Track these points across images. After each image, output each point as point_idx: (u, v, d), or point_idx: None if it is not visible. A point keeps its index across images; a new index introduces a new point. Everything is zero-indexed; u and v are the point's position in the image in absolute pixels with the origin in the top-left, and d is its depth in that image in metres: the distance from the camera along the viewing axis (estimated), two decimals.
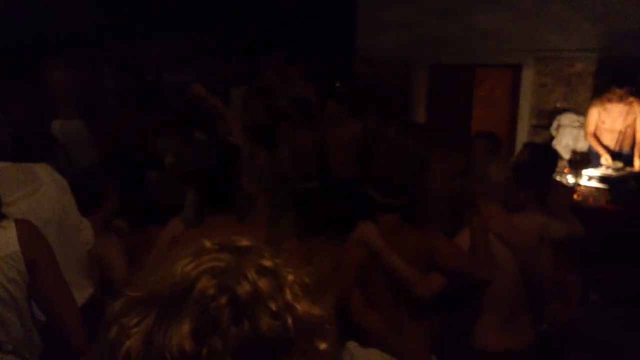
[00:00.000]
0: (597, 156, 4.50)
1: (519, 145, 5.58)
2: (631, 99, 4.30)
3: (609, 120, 4.45)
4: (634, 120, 4.35)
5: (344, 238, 2.14)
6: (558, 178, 3.82)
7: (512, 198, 2.35)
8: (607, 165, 4.30)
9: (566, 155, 4.68)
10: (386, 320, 2.05)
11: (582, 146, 4.70)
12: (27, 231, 1.37)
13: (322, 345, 0.62)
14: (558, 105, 5.44)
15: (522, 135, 5.68)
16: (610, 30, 5.06)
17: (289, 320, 0.59)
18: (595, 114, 4.49)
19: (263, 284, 0.60)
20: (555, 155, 3.39)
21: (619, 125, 4.39)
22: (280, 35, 6.11)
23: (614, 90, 4.30)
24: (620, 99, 4.31)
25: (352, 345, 2.04)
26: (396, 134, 4.05)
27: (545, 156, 3.14)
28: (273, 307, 0.59)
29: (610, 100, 4.39)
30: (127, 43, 4.79)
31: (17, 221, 1.38)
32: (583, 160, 4.14)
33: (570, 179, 4.12)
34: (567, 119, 5.21)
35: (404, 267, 1.99)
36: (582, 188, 4.05)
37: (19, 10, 4.79)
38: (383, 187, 2.14)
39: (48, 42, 4.69)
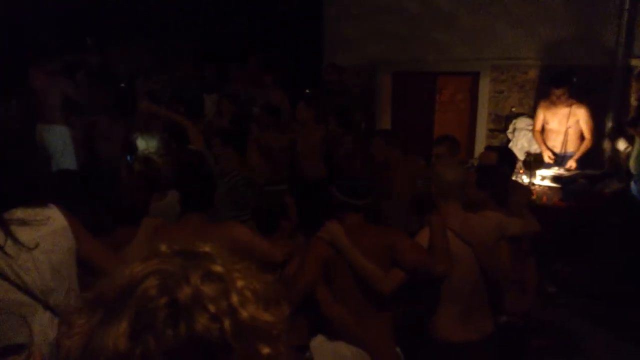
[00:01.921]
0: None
1: (477, 148, 5.82)
2: (571, 101, 4.52)
3: (553, 122, 4.66)
4: (577, 122, 4.57)
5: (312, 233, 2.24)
6: (514, 178, 4.02)
7: (472, 198, 2.46)
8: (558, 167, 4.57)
9: (521, 156, 4.90)
10: (352, 313, 2.14)
11: (536, 148, 4.89)
12: (66, 211, 1.58)
13: (265, 350, 0.62)
14: (513, 110, 5.68)
15: (481, 139, 5.89)
16: (560, 41, 5.37)
17: (227, 324, 0.59)
18: (541, 115, 4.73)
19: (206, 288, 0.61)
20: (514, 158, 3.60)
21: (563, 126, 4.59)
22: (252, 43, 6.17)
23: (553, 91, 4.52)
24: (560, 100, 4.52)
25: (319, 339, 2.12)
26: (354, 140, 4.17)
27: (507, 158, 3.34)
28: (212, 310, 0.59)
29: (553, 103, 4.60)
30: (100, 50, 4.76)
31: (56, 205, 1.57)
32: (537, 161, 4.35)
33: (525, 179, 4.34)
34: (522, 122, 5.43)
35: (366, 264, 2.11)
36: (537, 187, 4.27)
37: None
38: (346, 189, 2.25)
39: (23, 48, 4.66)
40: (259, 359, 0.61)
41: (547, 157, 4.68)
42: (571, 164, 4.51)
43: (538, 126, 4.80)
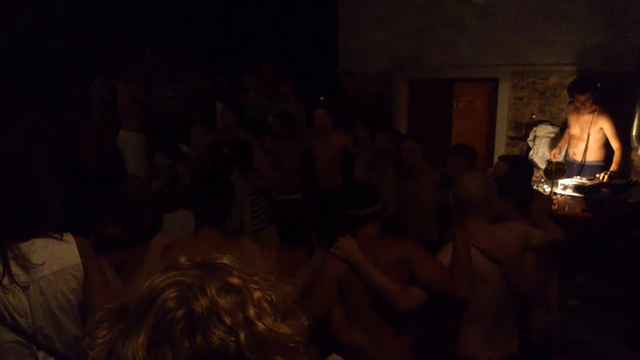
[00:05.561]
0: (571, 165, 4.64)
1: (497, 156, 5.70)
2: (595, 107, 4.42)
3: (575, 128, 4.59)
4: (599, 130, 4.46)
5: (326, 249, 2.15)
6: (535, 187, 3.92)
7: (494, 209, 2.36)
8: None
9: (542, 165, 4.78)
10: (369, 336, 2.05)
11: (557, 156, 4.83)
12: (85, 245, 1.50)
13: None
14: (534, 117, 5.54)
15: (500, 147, 5.77)
16: (582, 46, 5.25)
17: (242, 336, 0.59)
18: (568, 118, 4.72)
19: (223, 299, 0.61)
20: (529, 166, 3.52)
21: (585, 133, 4.50)
22: (265, 51, 6.18)
23: (577, 97, 4.44)
24: (584, 106, 4.43)
25: (334, 358, 2.06)
26: (391, 140, 4.11)
27: (522, 166, 3.26)
28: (228, 321, 0.59)
29: (577, 109, 4.53)
30: (116, 58, 4.84)
31: (74, 236, 1.49)
32: (558, 170, 4.24)
33: (546, 188, 4.23)
34: (542, 130, 5.31)
35: (384, 280, 2.00)
36: (558, 197, 4.16)
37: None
38: (353, 201, 2.15)
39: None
40: None
41: (552, 154, 4.73)
42: (604, 177, 4.34)
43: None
